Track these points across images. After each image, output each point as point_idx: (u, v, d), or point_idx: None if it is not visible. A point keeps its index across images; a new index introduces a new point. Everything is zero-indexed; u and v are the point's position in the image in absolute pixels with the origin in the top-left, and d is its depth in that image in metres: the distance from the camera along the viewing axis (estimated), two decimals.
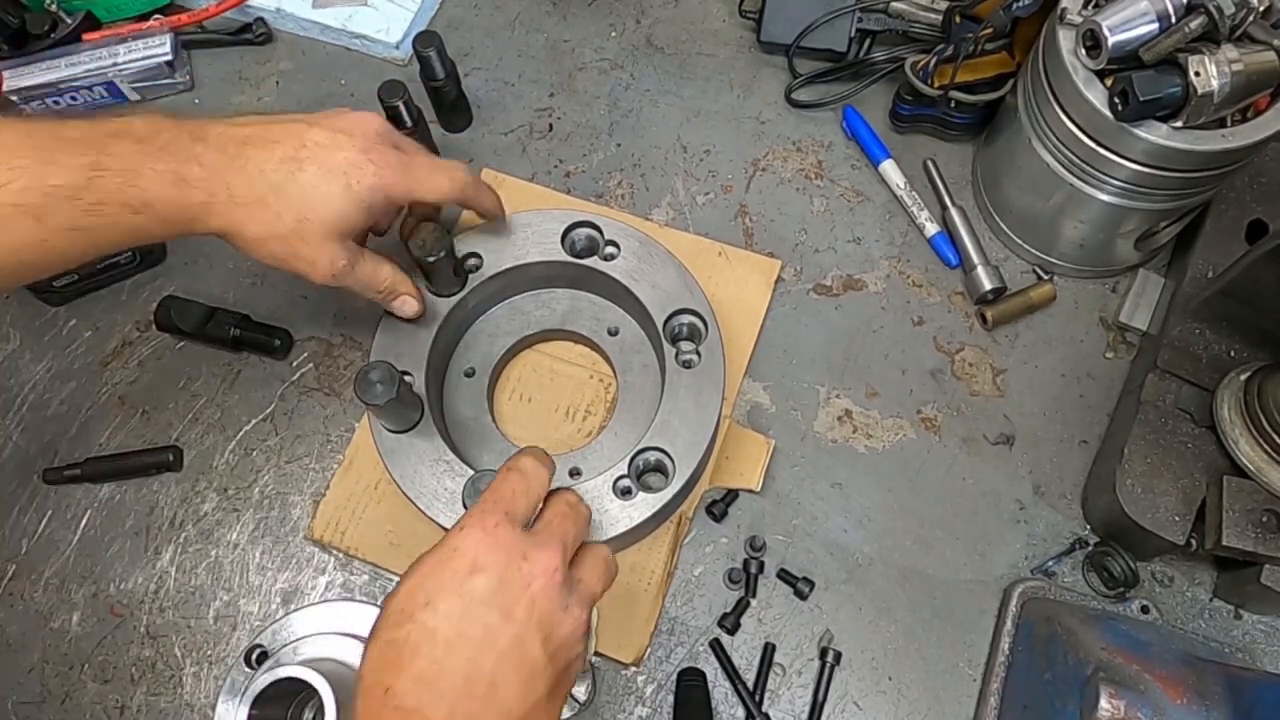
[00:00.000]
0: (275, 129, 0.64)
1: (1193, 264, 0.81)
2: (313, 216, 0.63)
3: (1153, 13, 0.67)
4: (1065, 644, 0.67)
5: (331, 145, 0.64)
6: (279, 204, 0.62)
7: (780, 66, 0.97)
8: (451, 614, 0.50)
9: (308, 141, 0.63)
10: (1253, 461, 0.70)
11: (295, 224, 0.63)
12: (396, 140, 0.68)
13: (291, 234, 0.63)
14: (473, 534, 0.53)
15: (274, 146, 0.63)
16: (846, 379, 0.85)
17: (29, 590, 0.79)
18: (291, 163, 0.63)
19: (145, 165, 0.59)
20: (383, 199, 0.66)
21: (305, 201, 0.62)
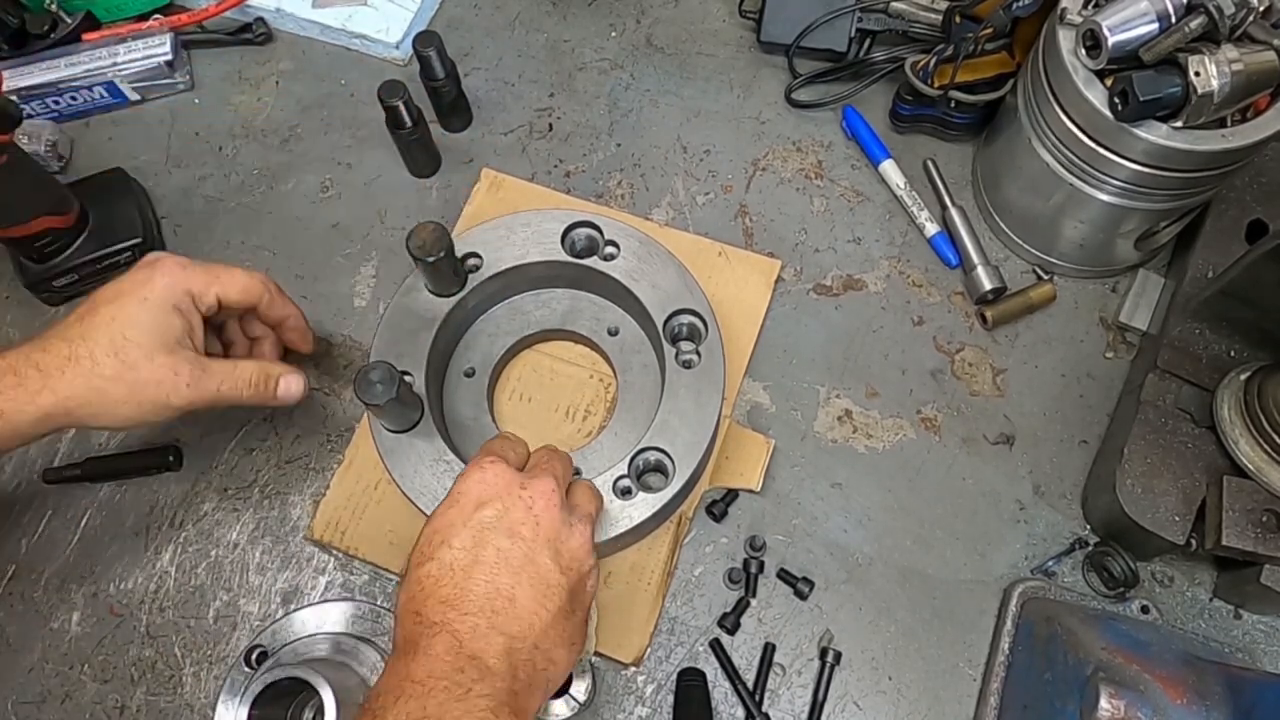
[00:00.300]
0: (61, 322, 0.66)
1: (1193, 264, 0.81)
2: (126, 343, 0.62)
3: (1153, 13, 0.67)
4: (1065, 644, 0.68)
5: (116, 282, 0.65)
6: (88, 350, 0.62)
7: (780, 66, 0.97)
8: (465, 545, 0.55)
9: (95, 295, 0.65)
10: (1253, 461, 0.70)
11: (116, 361, 0.62)
12: (177, 257, 0.69)
13: (119, 373, 0.62)
14: (472, 475, 0.59)
15: (62, 324, 0.65)
16: (846, 379, 0.85)
17: (29, 590, 0.79)
18: (84, 315, 0.64)
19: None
20: (184, 296, 0.66)
21: (111, 335, 0.62)
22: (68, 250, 0.85)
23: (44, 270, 0.85)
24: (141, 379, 0.63)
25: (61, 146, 0.94)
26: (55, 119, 0.96)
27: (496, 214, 0.81)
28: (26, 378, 0.61)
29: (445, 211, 0.92)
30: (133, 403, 0.63)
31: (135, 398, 0.63)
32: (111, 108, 0.97)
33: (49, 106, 0.95)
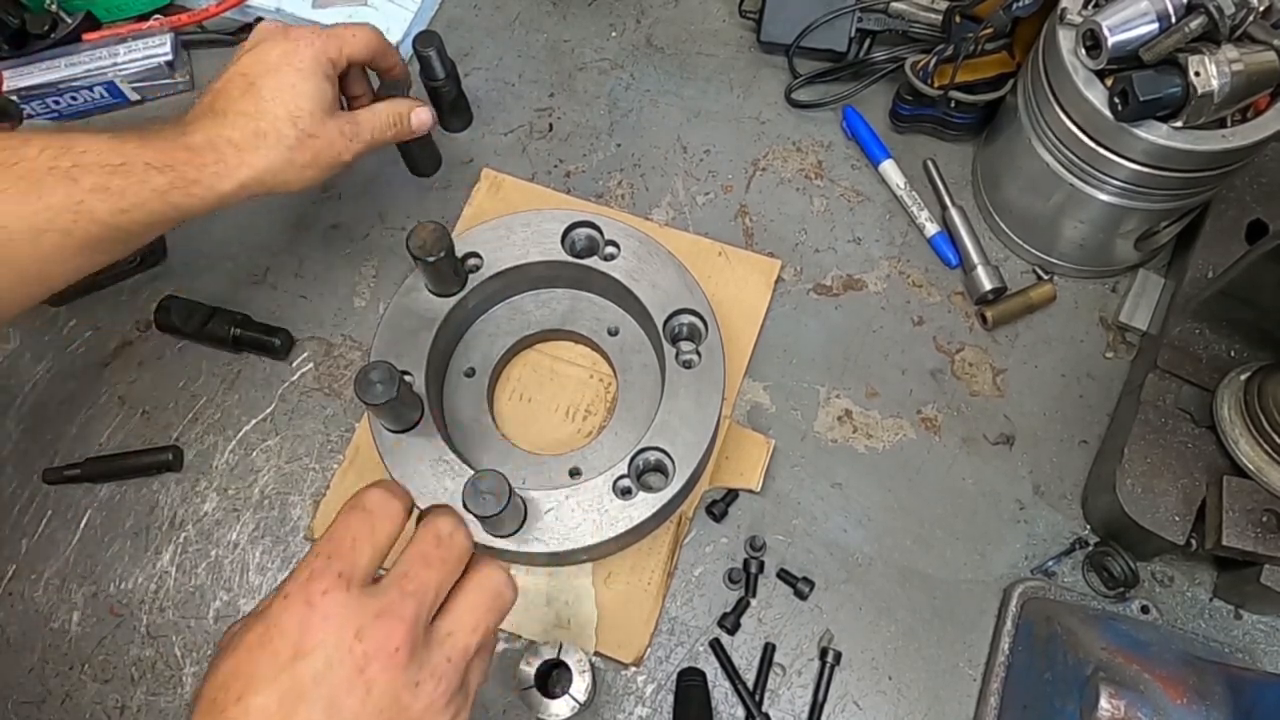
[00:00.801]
0: (217, 84, 0.69)
1: (1193, 264, 0.81)
2: (300, 112, 0.67)
3: (1153, 13, 0.67)
4: (1065, 644, 0.68)
5: (259, 57, 0.68)
6: (273, 126, 0.67)
7: (780, 66, 0.97)
8: (268, 710, 0.42)
9: (245, 69, 0.68)
10: (1253, 461, 0.70)
11: (297, 131, 0.67)
12: (303, 27, 0.72)
13: (299, 139, 0.67)
14: (295, 607, 0.44)
15: (222, 94, 0.68)
16: (846, 379, 0.85)
17: (29, 590, 0.79)
18: (248, 91, 0.67)
19: (152, 141, 0.64)
20: (328, 62, 0.70)
21: (284, 105, 0.67)
22: None
23: None
24: (320, 144, 0.69)
25: None
26: (55, 119, 0.96)
27: (496, 214, 0.81)
28: (225, 154, 0.65)
29: (445, 211, 0.92)
30: (316, 165, 0.69)
31: (318, 161, 0.69)
32: (111, 108, 0.97)
33: (49, 106, 0.95)
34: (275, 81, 0.67)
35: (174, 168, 0.63)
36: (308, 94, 0.68)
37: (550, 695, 0.70)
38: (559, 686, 0.72)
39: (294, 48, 0.69)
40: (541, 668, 0.71)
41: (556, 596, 0.76)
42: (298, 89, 0.68)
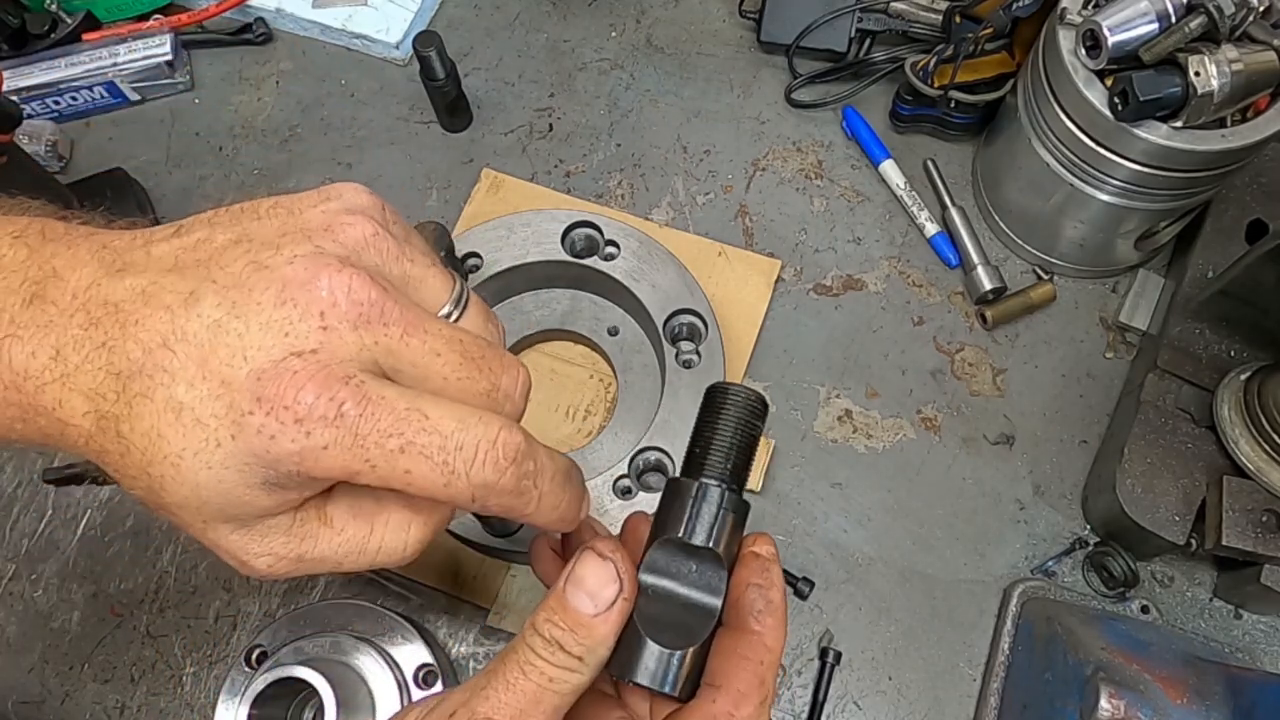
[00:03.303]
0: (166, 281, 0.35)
1: (1193, 264, 0.81)
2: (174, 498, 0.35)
3: (1153, 13, 0.67)
4: (1065, 644, 0.67)
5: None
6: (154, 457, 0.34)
7: (780, 66, 0.97)
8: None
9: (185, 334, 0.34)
10: (1253, 461, 0.70)
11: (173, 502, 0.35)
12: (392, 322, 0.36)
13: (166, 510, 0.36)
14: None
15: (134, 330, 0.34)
16: (846, 379, 0.85)
17: (29, 590, 0.79)
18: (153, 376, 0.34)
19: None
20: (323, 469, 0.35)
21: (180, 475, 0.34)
22: None
23: None
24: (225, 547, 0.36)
25: (61, 147, 0.94)
26: (55, 119, 0.96)
27: (496, 214, 0.81)
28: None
29: (445, 211, 0.92)
30: None
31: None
32: (112, 108, 0.97)
33: (49, 106, 0.95)
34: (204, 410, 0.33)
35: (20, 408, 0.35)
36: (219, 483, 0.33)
37: None
38: None
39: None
40: None
41: None
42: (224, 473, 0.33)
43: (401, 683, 0.69)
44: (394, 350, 0.35)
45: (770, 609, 0.37)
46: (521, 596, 0.76)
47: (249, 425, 0.32)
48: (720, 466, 0.38)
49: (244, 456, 0.33)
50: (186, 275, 0.35)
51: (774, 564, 0.39)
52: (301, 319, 0.33)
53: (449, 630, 0.77)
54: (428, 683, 0.70)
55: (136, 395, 0.33)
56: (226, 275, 0.34)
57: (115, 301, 0.34)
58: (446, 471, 0.33)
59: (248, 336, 0.33)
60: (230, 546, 0.36)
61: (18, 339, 0.34)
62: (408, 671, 0.70)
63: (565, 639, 0.37)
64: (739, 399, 0.40)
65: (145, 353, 0.33)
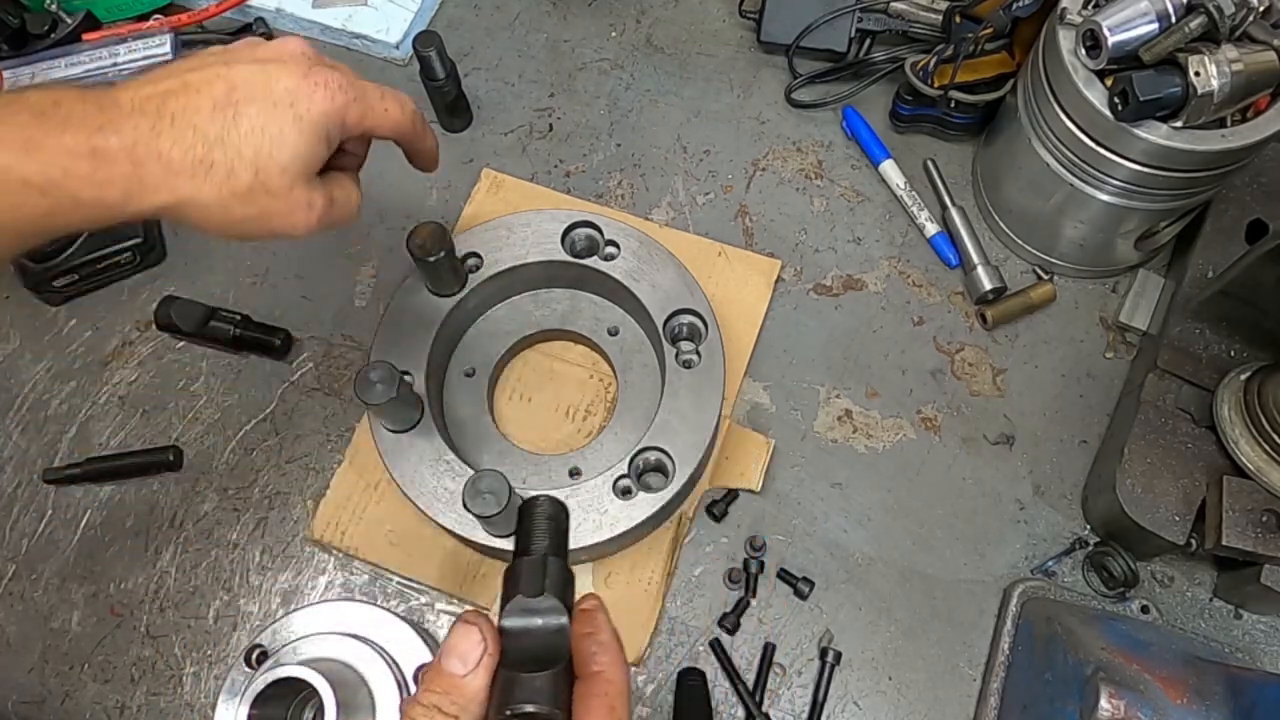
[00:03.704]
0: (192, 76, 0.54)
1: (1193, 264, 0.81)
2: (270, 164, 0.54)
3: (1153, 13, 0.67)
4: (1065, 644, 0.67)
5: (263, 79, 0.54)
6: (227, 159, 0.53)
7: (780, 66, 0.97)
8: None
9: (236, 81, 0.54)
10: (1253, 461, 0.70)
11: (252, 177, 0.53)
12: (330, 61, 0.59)
13: (252, 189, 0.53)
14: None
15: (198, 96, 0.53)
16: (846, 379, 0.85)
17: (29, 590, 0.79)
18: (224, 108, 0.53)
19: (47, 139, 0.49)
20: (338, 125, 0.57)
21: (256, 148, 0.53)
22: (68, 250, 0.85)
23: (44, 270, 0.85)
24: (274, 207, 0.55)
25: None
26: None
27: (496, 214, 0.81)
28: (146, 169, 0.51)
29: (445, 211, 0.92)
30: (252, 223, 0.55)
31: (261, 222, 0.55)
32: None
33: None
34: (261, 117, 0.54)
35: (61, 185, 0.50)
36: (291, 149, 0.54)
37: None
38: None
39: (308, 91, 0.55)
40: None
41: None
42: (283, 138, 0.54)
43: (401, 683, 0.69)
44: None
45: (603, 648, 0.45)
46: None
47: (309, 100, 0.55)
48: (543, 544, 0.50)
49: (310, 121, 0.55)
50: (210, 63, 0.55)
51: (598, 612, 0.47)
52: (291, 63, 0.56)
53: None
54: None
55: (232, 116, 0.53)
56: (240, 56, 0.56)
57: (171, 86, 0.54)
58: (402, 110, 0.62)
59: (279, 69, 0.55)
60: (302, 198, 0.56)
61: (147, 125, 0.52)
62: (408, 671, 0.70)
63: (442, 701, 0.44)
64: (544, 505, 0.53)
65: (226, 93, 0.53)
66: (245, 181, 0.53)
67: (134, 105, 0.52)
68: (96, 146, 0.50)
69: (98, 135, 0.50)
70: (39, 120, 0.50)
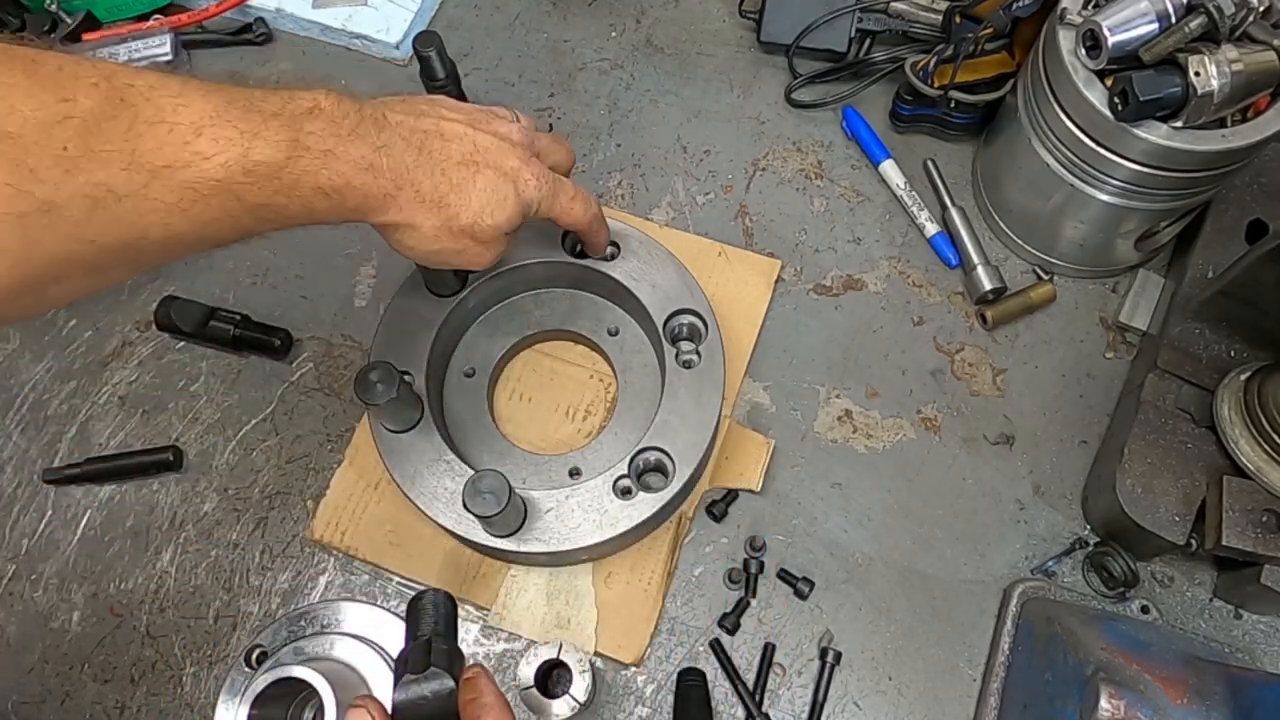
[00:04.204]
0: (446, 126, 0.65)
1: (1193, 264, 0.81)
2: (488, 219, 0.64)
3: (1153, 13, 0.67)
4: (1065, 644, 0.67)
5: (499, 152, 0.66)
6: (459, 204, 0.63)
7: (780, 66, 0.97)
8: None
9: (479, 145, 0.65)
10: (1253, 461, 0.70)
11: (471, 223, 0.64)
12: (539, 149, 0.70)
13: (465, 231, 0.64)
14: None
15: (449, 146, 0.64)
16: (846, 379, 0.85)
17: (29, 590, 0.79)
18: (470, 165, 0.64)
19: (340, 149, 0.58)
20: (534, 208, 0.67)
21: (483, 204, 0.64)
22: None
23: None
24: (473, 249, 0.65)
25: None
26: None
27: None
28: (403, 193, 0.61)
29: None
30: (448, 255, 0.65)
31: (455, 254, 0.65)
32: None
33: None
34: (494, 182, 0.64)
35: (343, 191, 0.58)
36: (507, 215, 0.65)
37: (550, 695, 0.70)
38: (559, 686, 0.72)
39: (526, 176, 0.66)
40: (541, 668, 0.71)
41: (556, 596, 0.76)
42: (504, 205, 0.64)
43: None
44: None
45: (486, 709, 0.51)
46: (521, 597, 0.77)
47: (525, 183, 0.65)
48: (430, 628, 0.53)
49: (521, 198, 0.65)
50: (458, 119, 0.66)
51: (480, 678, 0.53)
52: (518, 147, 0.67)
53: None
54: None
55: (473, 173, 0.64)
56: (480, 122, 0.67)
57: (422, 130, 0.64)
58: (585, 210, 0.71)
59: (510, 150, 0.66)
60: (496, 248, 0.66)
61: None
62: None
63: None
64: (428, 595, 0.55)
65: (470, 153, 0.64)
66: (463, 224, 0.64)
67: (403, 135, 0.62)
68: (374, 162, 0.59)
69: (379, 152, 0.60)
70: (333, 129, 0.58)
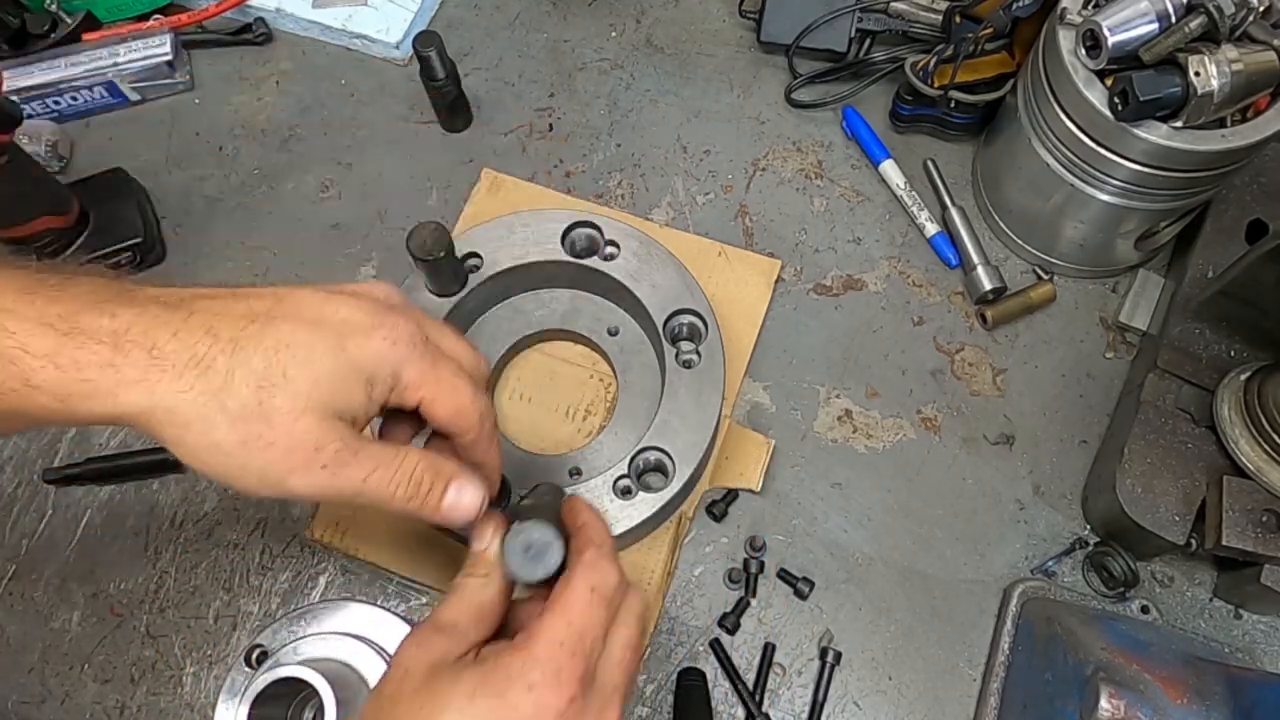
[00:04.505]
0: (248, 289, 0.47)
1: (1193, 264, 0.81)
2: (280, 381, 0.43)
3: (1153, 13, 0.67)
4: (1065, 644, 0.67)
5: (322, 303, 0.46)
6: (231, 368, 0.42)
7: (780, 66, 0.97)
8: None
9: (286, 298, 0.46)
10: (1253, 461, 0.70)
11: (251, 393, 0.42)
12: (414, 314, 0.51)
13: (246, 408, 0.42)
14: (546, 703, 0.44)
15: (236, 301, 0.45)
16: (846, 379, 0.85)
17: (29, 590, 0.79)
18: (259, 319, 0.44)
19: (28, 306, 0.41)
20: (388, 377, 0.47)
21: (270, 361, 0.43)
22: (68, 250, 0.85)
23: None
24: (269, 439, 0.43)
25: (61, 146, 0.94)
26: (55, 119, 0.96)
27: (496, 214, 0.81)
28: (127, 357, 0.42)
29: (445, 211, 0.92)
30: (236, 457, 0.43)
31: (244, 455, 0.43)
32: (111, 108, 0.97)
33: (49, 106, 0.95)
34: (296, 334, 0.44)
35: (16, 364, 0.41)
36: (315, 374, 0.44)
37: None
38: None
39: (368, 327, 0.47)
40: None
41: None
42: (309, 358, 0.44)
43: None
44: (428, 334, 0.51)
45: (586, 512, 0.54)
46: None
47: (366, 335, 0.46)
48: None
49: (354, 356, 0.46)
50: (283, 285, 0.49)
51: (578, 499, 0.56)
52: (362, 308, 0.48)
53: None
54: None
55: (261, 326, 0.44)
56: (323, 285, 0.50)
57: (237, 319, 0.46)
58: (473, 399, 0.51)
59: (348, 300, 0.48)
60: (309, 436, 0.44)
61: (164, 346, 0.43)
62: None
63: (473, 567, 0.53)
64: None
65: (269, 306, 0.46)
66: (242, 397, 0.42)
67: (156, 295, 0.44)
68: (80, 324, 0.41)
69: (90, 310, 0.42)
70: (31, 289, 0.42)
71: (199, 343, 0.42)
